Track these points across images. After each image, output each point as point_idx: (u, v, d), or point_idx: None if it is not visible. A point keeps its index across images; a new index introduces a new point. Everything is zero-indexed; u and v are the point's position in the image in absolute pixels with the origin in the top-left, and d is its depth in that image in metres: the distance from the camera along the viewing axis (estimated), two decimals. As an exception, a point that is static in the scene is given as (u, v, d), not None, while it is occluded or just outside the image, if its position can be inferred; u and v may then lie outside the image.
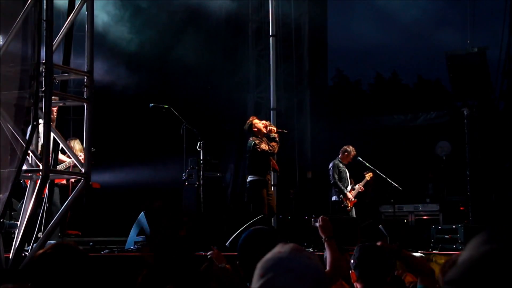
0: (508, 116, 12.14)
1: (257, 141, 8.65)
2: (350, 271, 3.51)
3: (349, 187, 10.29)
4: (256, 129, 8.73)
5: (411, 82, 25.90)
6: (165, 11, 12.38)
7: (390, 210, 10.78)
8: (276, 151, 8.71)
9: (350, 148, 10.44)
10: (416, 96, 22.55)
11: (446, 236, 9.33)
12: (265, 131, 8.74)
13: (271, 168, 8.87)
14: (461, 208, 11.68)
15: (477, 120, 11.39)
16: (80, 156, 6.97)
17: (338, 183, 10.21)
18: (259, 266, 1.90)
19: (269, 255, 1.92)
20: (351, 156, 10.38)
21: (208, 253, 4.01)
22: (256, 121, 8.83)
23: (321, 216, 4.09)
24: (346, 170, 10.38)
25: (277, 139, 8.74)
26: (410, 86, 25.51)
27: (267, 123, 8.96)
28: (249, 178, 8.75)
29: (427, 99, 19.65)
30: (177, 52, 12.34)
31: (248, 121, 8.93)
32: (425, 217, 12.11)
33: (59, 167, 7.38)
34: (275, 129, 8.89)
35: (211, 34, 13.25)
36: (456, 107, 12.33)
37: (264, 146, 8.59)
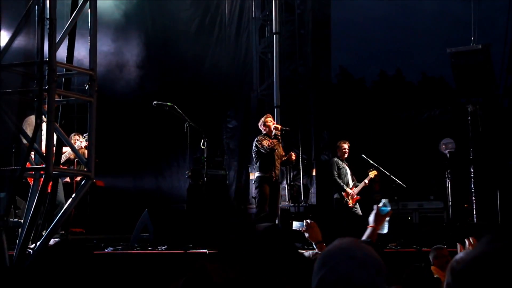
0: (513, 113, 12.09)
1: (260, 138, 9.10)
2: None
3: (350, 184, 10.19)
4: (265, 127, 9.23)
5: (415, 79, 25.89)
6: (167, 8, 12.37)
7: (394, 208, 10.73)
8: (275, 147, 9.07)
9: (342, 143, 10.34)
10: (420, 93, 22.50)
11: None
12: (273, 130, 9.19)
13: (278, 165, 9.15)
14: (465, 206, 11.63)
15: (481, 117, 11.34)
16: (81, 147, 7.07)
17: (337, 180, 10.13)
18: (320, 257, 1.90)
19: (329, 247, 1.92)
20: (343, 150, 10.23)
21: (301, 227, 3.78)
22: (268, 119, 9.33)
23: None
24: (346, 167, 10.24)
25: (279, 137, 9.17)
26: (414, 83, 25.46)
27: (277, 125, 9.37)
28: (256, 175, 9.18)
29: (431, 96, 19.60)
30: (179, 50, 12.31)
31: (263, 117, 9.41)
32: (429, 215, 12.07)
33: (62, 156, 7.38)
34: (279, 127, 9.30)
35: (214, 32, 13.22)
36: (460, 104, 12.29)
37: (265, 142, 9.00)
